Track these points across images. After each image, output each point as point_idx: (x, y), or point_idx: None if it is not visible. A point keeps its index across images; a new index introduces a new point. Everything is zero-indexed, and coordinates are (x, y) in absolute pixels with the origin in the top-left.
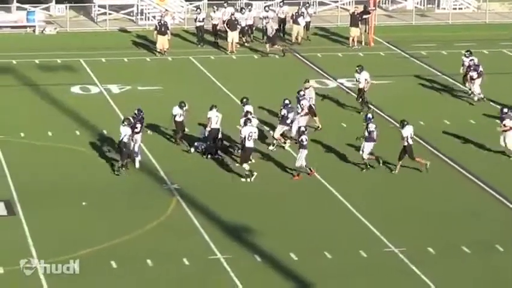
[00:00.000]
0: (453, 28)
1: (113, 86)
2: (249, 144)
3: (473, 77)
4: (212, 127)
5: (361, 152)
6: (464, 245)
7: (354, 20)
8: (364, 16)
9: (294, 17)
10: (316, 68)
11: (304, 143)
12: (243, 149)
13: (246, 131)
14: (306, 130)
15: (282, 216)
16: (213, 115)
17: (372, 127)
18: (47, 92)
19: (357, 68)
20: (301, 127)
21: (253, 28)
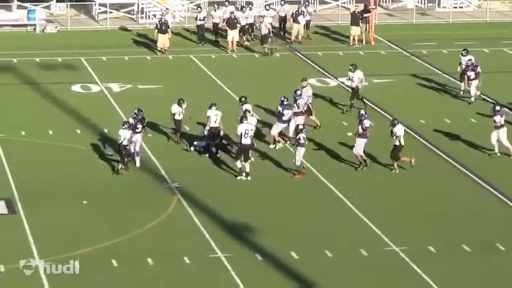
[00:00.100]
0: (453, 27)
1: (113, 85)
2: (245, 141)
3: (470, 77)
4: (211, 126)
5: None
6: (464, 243)
7: (355, 18)
8: (365, 15)
9: (294, 16)
10: (317, 66)
11: (301, 141)
12: (239, 146)
13: (242, 128)
14: (304, 128)
15: (282, 214)
16: (211, 114)
17: (367, 123)
18: (48, 90)
19: (351, 66)
20: (300, 125)
21: (254, 27)
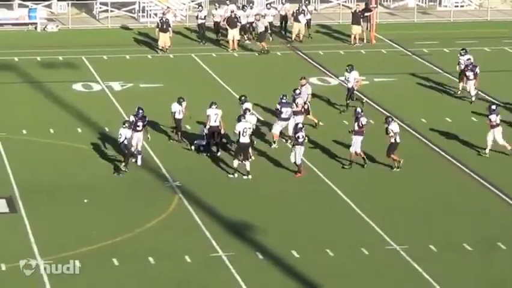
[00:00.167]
0: (455, 26)
1: (115, 84)
2: (243, 139)
3: (469, 77)
4: (211, 125)
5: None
6: (466, 243)
7: (356, 17)
8: (366, 14)
9: (295, 15)
10: (318, 65)
11: (300, 140)
12: (238, 145)
13: (240, 126)
14: (303, 127)
15: (284, 213)
16: (211, 113)
17: (364, 121)
18: (49, 89)
19: (347, 67)
20: (299, 124)
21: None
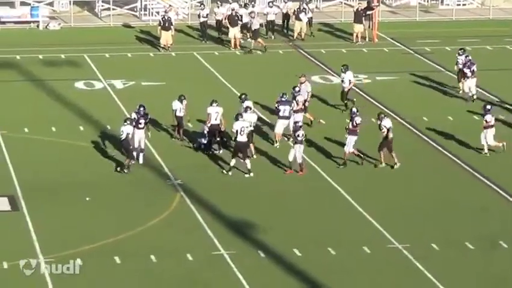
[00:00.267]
0: (457, 24)
1: (117, 82)
2: (241, 138)
3: (466, 75)
4: (212, 123)
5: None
6: (467, 241)
7: (358, 16)
8: (368, 12)
9: (296, 13)
10: (320, 64)
11: (299, 138)
12: (235, 144)
13: (238, 125)
14: (302, 126)
15: (285, 212)
16: (212, 111)
17: (358, 120)
18: (51, 87)
19: (342, 67)
20: (298, 122)
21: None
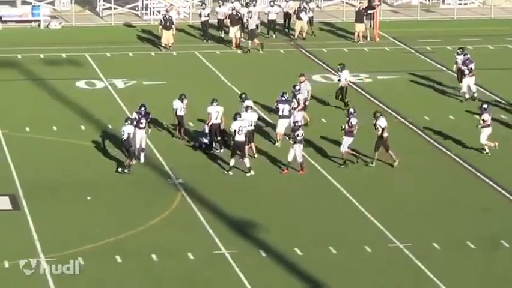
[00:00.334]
0: (458, 23)
1: (118, 81)
2: (238, 138)
3: (464, 73)
4: (212, 122)
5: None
6: (469, 240)
7: (359, 15)
8: (369, 11)
9: (297, 12)
10: (321, 63)
11: (299, 138)
12: (233, 143)
13: (236, 125)
14: (301, 125)
15: (287, 211)
16: (212, 110)
17: (354, 121)
18: (52, 86)
19: (339, 66)
20: (297, 122)
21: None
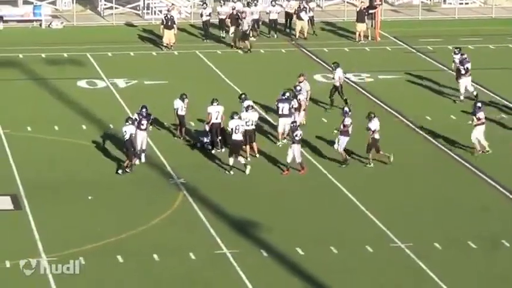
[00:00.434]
0: (459, 23)
1: (119, 80)
2: (235, 137)
3: (461, 72)
4: (213, 122)
5: (336, 145)
6: (470, 240)
7: (361, 15)
8: (370, 11)
9: (297, 12)
10: (322, 62)
11: (297, 138)
12: (231, 142)
13: (233, 124)
14: (298, 125)
15: (288, 211)
16: (212, 110)
17: (348, 121)
18: (54, 86)
19: (333, 64)
20: (295, 122)
21: (260, 23)
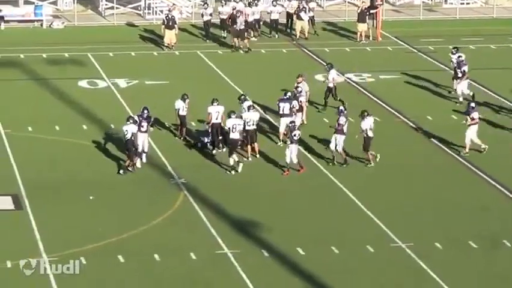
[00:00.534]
0: (460, 23)
1: (120, 80)
2: (233, 135)
3: (457, 75)
4: (213, 122)
5: (333, 145)
6: (471, 240)
7: (362, 15)
8: (371, 11)
9: (297, 12)
10: (324, 62)
11: (295, 138)
12: (229, 141)
13: (230, 123)
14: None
15: (289, 211)
16: (213, 110)
17: (342, 120)
18: (55, 86)
19: (327, 65)
20: (294, 122)
21: (261, 23)
